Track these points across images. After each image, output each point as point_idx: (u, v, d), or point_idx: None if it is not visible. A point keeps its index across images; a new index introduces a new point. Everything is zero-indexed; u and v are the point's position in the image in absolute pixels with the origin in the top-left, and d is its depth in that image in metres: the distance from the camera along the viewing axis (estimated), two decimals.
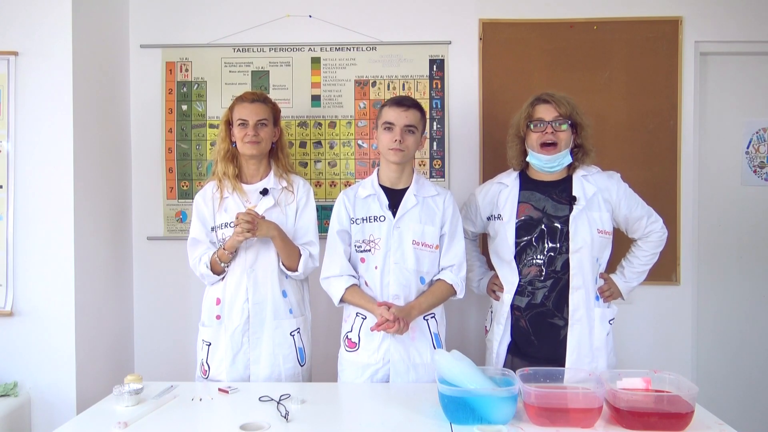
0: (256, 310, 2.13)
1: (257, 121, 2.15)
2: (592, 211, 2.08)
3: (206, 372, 2.18)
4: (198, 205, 2.23)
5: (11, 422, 2.20)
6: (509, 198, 2.16)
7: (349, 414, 1.81)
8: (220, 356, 2.15)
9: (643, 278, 2.25)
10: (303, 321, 2.23)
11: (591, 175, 2.13)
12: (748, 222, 2.80)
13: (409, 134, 2.08)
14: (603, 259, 2.14)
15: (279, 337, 2.15)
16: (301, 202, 2.22)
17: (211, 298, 2.21)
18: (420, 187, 2.15)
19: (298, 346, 2.18)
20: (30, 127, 2.33)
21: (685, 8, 2.69)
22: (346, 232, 2.14)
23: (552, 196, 2.12)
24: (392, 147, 2.06)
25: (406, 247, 2.08)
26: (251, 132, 2.13)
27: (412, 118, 2.08)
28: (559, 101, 2.08)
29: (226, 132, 2.22)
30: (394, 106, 2.09)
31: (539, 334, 2.09)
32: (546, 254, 2.08)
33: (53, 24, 2.31)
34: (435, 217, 2.13)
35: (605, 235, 2.09)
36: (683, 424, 1.55)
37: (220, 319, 2.17)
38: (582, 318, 2.05)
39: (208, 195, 2.23)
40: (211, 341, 2.18)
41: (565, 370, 1.84)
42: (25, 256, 2.33)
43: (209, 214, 2.21)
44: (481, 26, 2.72)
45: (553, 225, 2.08)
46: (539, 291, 2.09)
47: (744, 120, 2.79)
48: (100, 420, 1.69)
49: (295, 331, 2.18)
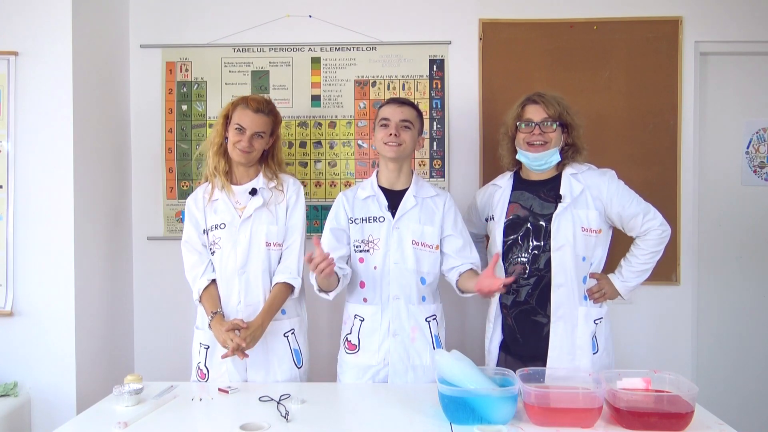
0: (249, 312, 2.09)
1: (254, 132, 2.11)
2: (578, 209, 2.07)
3: (205, 376, 2.14)
4: (189, 208, 2.21)
5: (11, 422, 2.20)
6: (501, 198, 2.19)
7: (349, 414, 1.80)
8: (218, 359, 2.08)
9: (644, 277, 2.17)
10: (298, 321, 2.19)
11: (581, 173, 2.13)
12: (748, 222, 2.80)
13: (406, 130, 2.09)
14: (595, 258, 2.11)
15: (271, 338, 2.10)
16: (291, 200, 2.19)
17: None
18: (419, 188, 2.16)
19: (293, 347, 2.14)
20: (30, 127, 2.33)
21: (685, 8, 2.69)
22: (342, 231, 2.14)
23: (540, 195, 2.12)
24: (388, 141, 2.07)
25: (406, 247, 2.09)
26: (245, 142, 2.09)
27: (407, 114, 2.10)
28: (548, 102, 2.08)
29: (222, 126, 2.17)
30: (389, 104, 2.13)
31: (524, 331, 2.11)
32: (530, 252, 2.08)
33: (53, 24, 2.31)
34: (434, 217, 2.13)
35: (591, 234, 2.07)
36: (683, 424, 1.55)
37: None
38: (564, 315, 2.05)
39: (199, 197, 2.21)
40: (209, 344, 2.13)
41: (558, 369, 1.87)
42: (25, 256, 2.33)
43: (201, 217, 2.19)
44: (481, 26, 2.72)
45: (539, 223, 2.09)
46: (523, 288, 2.09)
47: (744, 120, 2.79)
48: (100, 420, 1.69)
49: (288, 332, 2.14)
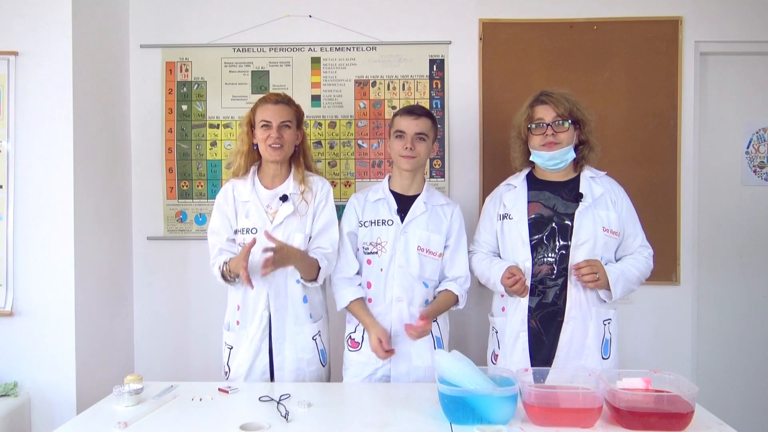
0: (278, 317, 2.11)
1: (281, 122, 2.11)
2: (599, 209, 2.05)
3: (227, 374, 2.19)
4: (219, 202, 2.19)
5: (11, 422, 2.20)
6: (518, 198, 2.12)
7: (350, 414, 1.80)
8: (239, 361, 2.15)
9: (629, 286, 2.02)
10: (323, 323, 2.23)
11: (599, 177, 2.12)
12: (748, 222, 2.80)
13: (420, 141, 2.13)
14: (610, 262, 2.06)
15: (301, 342, 2.14)
16: (320, 205, 2.17)
17: (232, 304, 2.19)
18: (430, 196, 2.20)
19: (320, 348, 2.18)
20: (30, 127, 2.33)
21: (685, 8, 2.69)
22: (354, 234, 2.19)
23: (562, 195, 2.09)
24: (404, 154, 2.12)
25: (411, 252, 2.12)
26: (275, 134, 2.09)
27: (422, 126, 2.13)
28: (557, 101, 2.06)
29: (247, 134, 2.17)
30: (405, 115, 2.15)
31: (550, 334, 2.04)
32: (558, 252, 2.04)
33: (53, 24, 2.31)
34: (442, 225, 2.17)
35: (612, 235, 2.04)
36: (683, 424, 1.55)
37: (239, 324, 2.16)
38: (577, 316, 2.01)
39: (229, 193, 2.19)
40: (233, 345, 2.17)
41: (560, 369, 1.85)
42: (25, 256, 2.33)
43: (231, 212, 2.17)
44: (481, 26, 2.72)
45: (564, 222, 2.04)
46: (550, 290, 2.04)
47: (744, 120, 2.79)
48: (100, 420, 1.68)
49: (316, 335, 2.17)
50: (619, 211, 2.07)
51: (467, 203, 2.73)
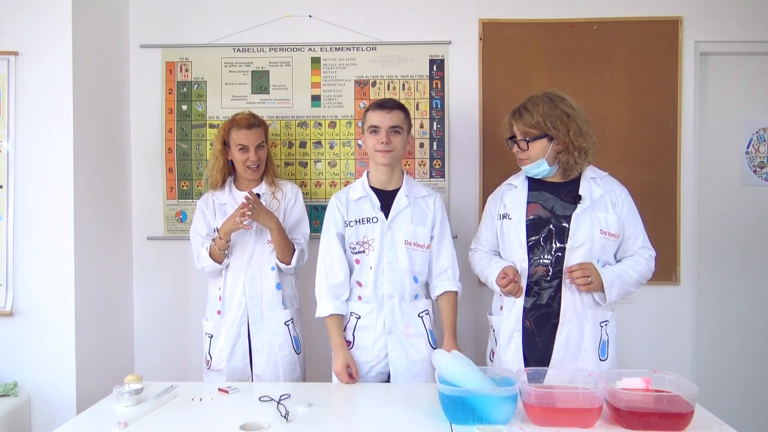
0: (253, 303, 2.29)
1: (256, 146, 2.31)
2: (598, 210, 2.04)
3: (209, 362, 2.34)
4: (201, 206, 2.41)
5: (11, 422, 2.20)
6: (518, 198, 2.12)
7: (349, 414, 1.81)
8: (220, 347, 2.31)
9: (618, 283, 1.98)
10: (295, 312, 2.38)
11: (600, 178, 2.10)
12: (748, 222, 2.80)
13: (395, 135, 2.12)
14: (609, 264, 2.05)
15: (274, 327, 2.30)
16: (289, 203, 2.39)
17: (213, 295, 2.37)
18: (411, 188, 2.19)
19: (292, 335, 2.33)
20: (30, 127, 2.33)
21: (685, 8, 2.69)
22: (342, 235, 2.17)
23: (561, 197, 2.08)
24: (379, 149, 2.11)
25: (398, 247, 2.12)
26: (253, 157, 2.30)
27: (396, 119, 2.12)
28: (524, 118, 2.03)
29: (221, 152, 2.36)
30: (377, 110, 2.13)
31: (543, 335, 2.05)
32: (554, 254, 2.04)
33: (53, 24, 2.31)
34: (426, 217, 2.17)
35: (609, 237, 2.03)
36: (683, 424, 1.55)
37: (220, 314, 2.33)
38: (572, 318, 2.01)
39: (209, 198, 2.42)
40: (212, 333, 2.34)
41: (558, 369, 1.85)
42: (25, 256, 2.33)
43: (210, 214, 2.38)
44: (481, 26, 2.72)
45: (561, 225, 2.04)
46: (545, 291, 2.05)
47: (744, 120, 2.80)
48: (100, 420, 1.69)
49: (289, 321, 2.33)
50: (619, 213, 2.06)
51: (467, 203, 2.74)
